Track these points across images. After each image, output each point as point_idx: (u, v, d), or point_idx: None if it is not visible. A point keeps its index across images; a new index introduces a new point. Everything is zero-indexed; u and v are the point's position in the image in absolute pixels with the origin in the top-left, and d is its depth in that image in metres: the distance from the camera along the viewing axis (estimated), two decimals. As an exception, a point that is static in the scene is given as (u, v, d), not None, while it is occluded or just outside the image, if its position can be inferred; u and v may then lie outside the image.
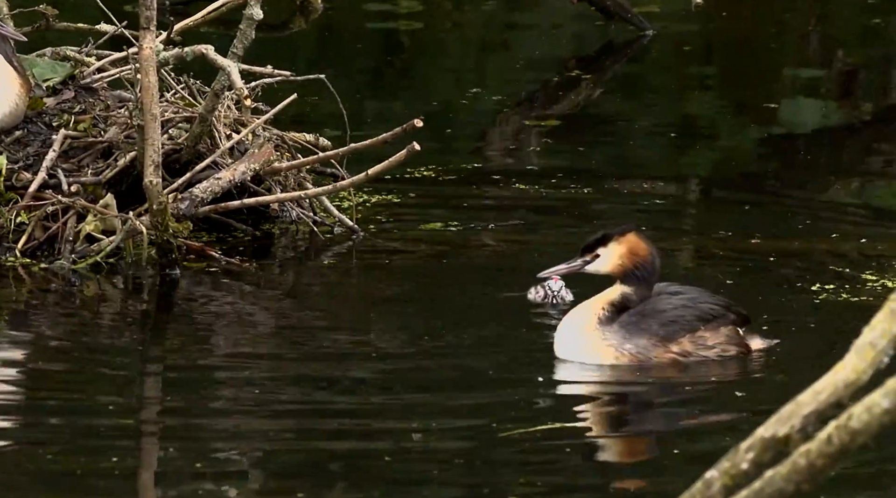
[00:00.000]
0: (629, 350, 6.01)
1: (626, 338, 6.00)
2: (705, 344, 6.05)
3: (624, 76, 11.96)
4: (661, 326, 6.01)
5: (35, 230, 7.66)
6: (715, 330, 6.07)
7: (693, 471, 3.76)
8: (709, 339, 6.05)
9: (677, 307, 6.06)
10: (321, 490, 5.13)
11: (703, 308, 6.06)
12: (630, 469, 5.35)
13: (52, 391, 6.00)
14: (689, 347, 6.05)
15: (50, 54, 8.31)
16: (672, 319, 6.03)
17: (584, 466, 5.34)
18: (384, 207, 8.54)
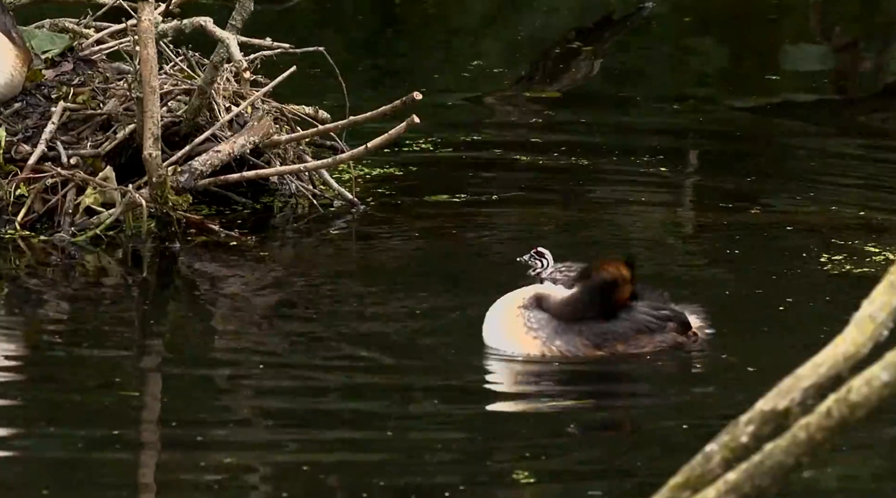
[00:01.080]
0: (558, 347, 5.90)
1: (558, 333, 5.89)
2: (638, 346, 5.97)
3: (624, 48, 11.93)
4: (595, 335, 5.91)
5: (34, 203, 7.65)
6: (650, 338, 6.00)
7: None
8: (643, 344, 5.97)
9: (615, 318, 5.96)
10: (320, 459, 5.13)
11: (639, 319, 5.97)
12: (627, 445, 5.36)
13: (50, 365, 6.00)
14: (621, 349, 5.96)
15: (48, 26, 8.29)
16: (606, 331, 5.93)
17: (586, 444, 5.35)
18: (384, 181, 8.53)
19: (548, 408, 5.58)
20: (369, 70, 11.06)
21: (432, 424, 5.46)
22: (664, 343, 6.03)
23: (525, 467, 5.04)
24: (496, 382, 5.89)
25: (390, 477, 4.98)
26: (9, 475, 5.00)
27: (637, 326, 5.98)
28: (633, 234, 7.77)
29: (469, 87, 10.73)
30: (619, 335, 5.94)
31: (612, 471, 5.06)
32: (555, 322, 5.88)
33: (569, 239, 7.65)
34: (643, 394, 5.85)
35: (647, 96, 10.50)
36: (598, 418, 5.53)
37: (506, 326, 5.92)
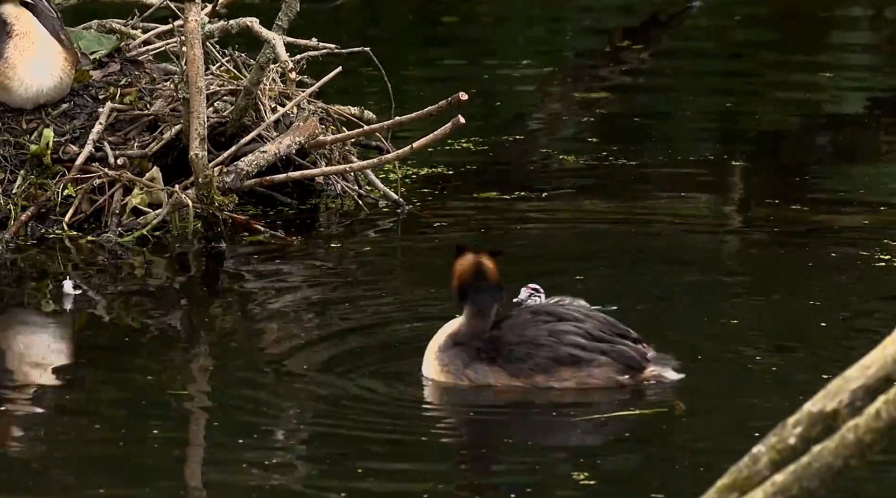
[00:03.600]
0: (468, 376, 5.69)
1: (467, 363, 5.66)
2: (560, 379, 5.65)
3: (672, 46, 11.89)
4: (507, 362, 5.63)
5: (82, 203, 7.68)
6: (575, 371, 5.64)
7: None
8: (566, 376, 5.64)
9: (533, 342, 5.63)
10: (373, 461, 5.12)
11: (561, 351, 5.61)
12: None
13: (97, 365, 6.01)
14: (541, 380, 5.66)
15: (96, 27, 8.32)
16: (520, 357, 5.63)
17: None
18: (430, 181, 8.52)
19: (599, 412, 5.55)
20: (415, 70, 11.05)
21: (484, 425, 5.44)
22: (594, 380, 5.61)
23: (584, 468, 5.02)
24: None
25: (454, 478, 4.97)
26: (62, 475, 5.01)
27: (557, 355, 5.61)
28: (679, 234, 7.73)
29: (517, 87, 10.71)
30: (536, 366, 5.60)
31: (667, 474, 5.03)
32: (464, 354, 5.66)
33: (615, 237, 7.62)
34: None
35: (696, 94, 10.45)
36: (648, 421, 5.49)
37: (428, 366, 5.76)
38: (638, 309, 6.46)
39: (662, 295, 6.74)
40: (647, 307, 6.50)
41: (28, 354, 6.08)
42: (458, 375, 5.68)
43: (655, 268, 7.14)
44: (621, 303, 6.54)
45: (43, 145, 7.73)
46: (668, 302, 6.66)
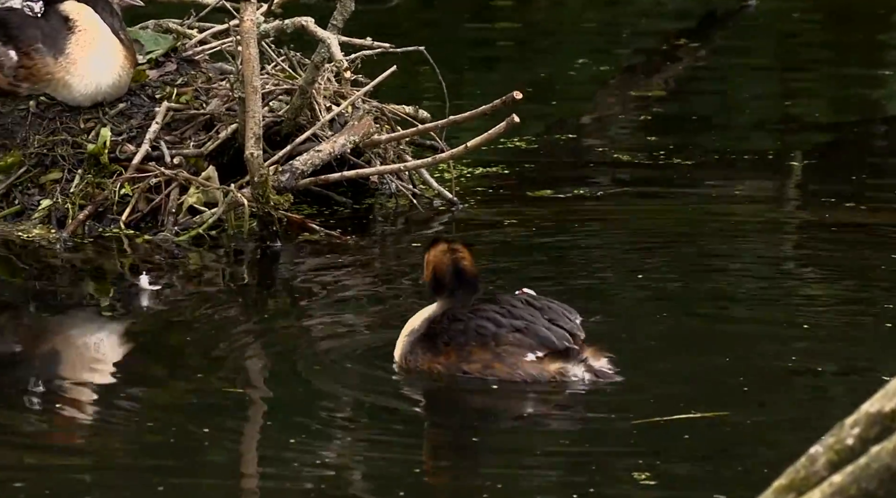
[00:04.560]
0: (408, 360, 5.77)
1: (412, 348, 5.75)
2: (468, 360, 5.66)
3: (728, 45, 11.83)
4: (431, 342, 5.69)
5: (138, 202, 7.72)
6: (483, 352, 5.65)
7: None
8: (475, 358, 5.64)
9: (456, 321, 5.68)
10: (428, 461, 5.12)
11: (471, 325, 5.62)
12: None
13: (151, 363, 6.04)
14: (454, 359, 5.68)
15: (153, 26, 8.37)
16: (444, 339, 5.69)
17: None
18: (485, 180, 8.52)
19: (661, 413, 5.53)
20: (470, 69, 11.05)
21: (541, 425, 5.43)
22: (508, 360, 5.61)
23: (643, 469, 5.00)
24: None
25: (520, 480, 4.97)
26: (118, 474, 5.03)
27: (466, 328, 5.65)
28: (735, 234, 7.69)
29: (574, 85, 10.69)
30: (449, 342, 5.64)
31: (725, 475, 5.01)
32: (413, 340, 5.75)
33: (670, 237, 7.59)
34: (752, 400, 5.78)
35: (752, 93, 10.40)
36: (706, 424, 5.46)
37: (397, 348, 5.85)
38: (696, 313, 6.42)
39: (718, 296, 6.70)
40: (706, 311, 6.47)
41: (83, 352, 6.11)
42: (402, 359, 5.78)
43: (711, 268, 7.11)
44: (675, 304, 6.51)
45: (100, 144, 7.78)
46: (724, 302, 6.62)
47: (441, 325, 5.75)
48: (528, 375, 5.66)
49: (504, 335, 5.65)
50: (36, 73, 7.79)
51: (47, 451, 5.17)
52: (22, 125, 7.88)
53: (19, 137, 7.87)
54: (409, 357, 5.78)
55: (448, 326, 5.72)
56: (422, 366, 5.76)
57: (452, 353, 5.69)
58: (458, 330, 5.68)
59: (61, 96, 7.85)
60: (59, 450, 5.19)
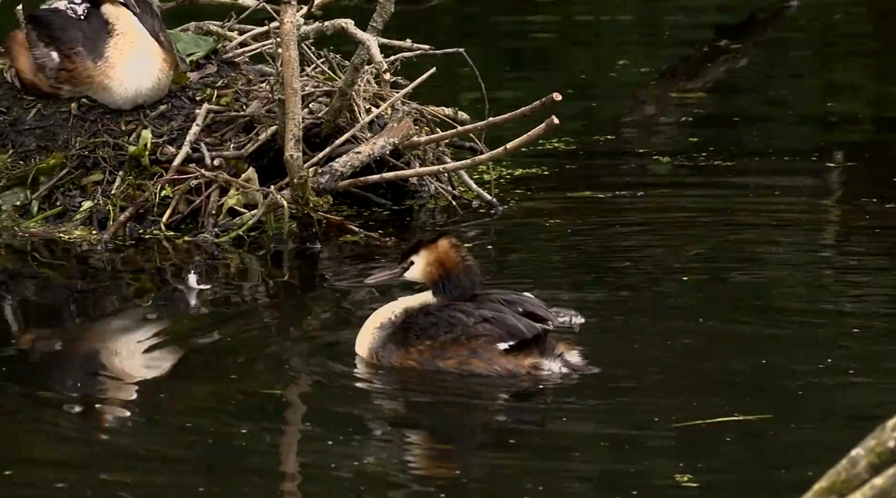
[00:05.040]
0: (380, 356, 5.80)
1: (384, 343, 5.79)
2: (443, 355, 5.70)
3: (770, 45, 11.79)
4: (402, 338, 5.74)
5: (179, 204, 7.75)
6: (457, 340, 5.69)
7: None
8: (449, 354, 5.69)
9: (440, 321, 5.72)
10: (474, 462, 5.11)
11: (442, 315, 5.67)
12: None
13: (191, 363, 6.05)
14: (428, 355, 5.72)
15: (193, 29, 8.40)
16: (416, 334, 5.73)
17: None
18: (524, 181, 8.51)
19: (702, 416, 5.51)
20: (509, 70, 11.04)
21: (579, 425, 5.42)
22: (480, 352, 5.65)
23: (686, 471, 4.99)
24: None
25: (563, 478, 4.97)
26: (160, 473, 5.05)
27: (437, 321, 5.70)
28: (775, 234, 7.66)
29: (614, 86, 10.67)
30: (421, 334, 5.69)
31: (767, 477, 4.99)
32: (385, 334, 5.78)
33: (710, 239, 7.56)
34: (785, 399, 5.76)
35: (794, 93, 10.35)
36: (748, 426, 5.44)
37: (360, 339, 5.87)
38: (737, 313, 6.40)
39: (759, 296, 6.68)
40: (747, 312, 6.44)
41: (124, 353, 6.14)
42: (374, 351, 5.80)
43: (751, 268, 7.08)
44: (715, 304, 6.49)
45: (141, 146, 7.81)
46: (765, 303, 6.59)
47: (414, 319, 5.78)
48: (504, 369, 5.70)
49: (473, 326, 5.69)
50: (77, 76, 7.83)
51: (89, 450, 5.19)
52: (64, 127, 7.93)
53: (61, 139, 7.91)
54: (381, 353, 5.81)
55: (421, 319, 5.76)
56: (394, 362, 5.79)
57: (426, 349, 5.73)
58: (430, 322, 5.73)
59: (102, 99, 7.89)
60: (101, 449, 5.21)
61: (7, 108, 8.00)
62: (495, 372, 5.70)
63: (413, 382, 5.78)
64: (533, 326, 5.70)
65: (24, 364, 6.01)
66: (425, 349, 5.73)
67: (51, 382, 5.85)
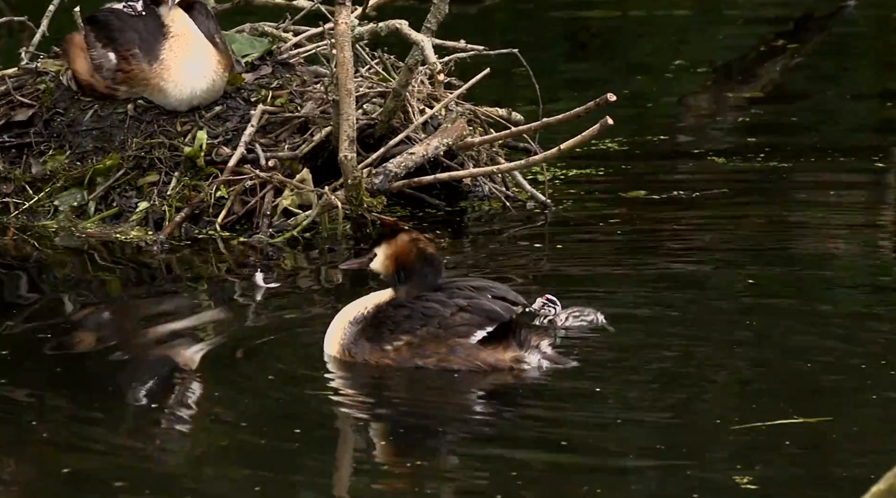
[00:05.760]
0: (352, 352, 5.79)
1: (355, 339, 5.78)
2: (423, 355, 5.69)
3: (827, 46, 11.71)
4: (377, 334, 5.73)
5: (234, 204, 7.79)
6: (441, 341, 5.68)
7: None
8: (428, 352, 5.68)
9: (414, 313, 5.70)
10: (516, 459, 5.11)
11: (417, 307, 5.67)
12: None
13: (248, 364, 6.07)
14: (406, 353, 5.70)
15: (248, 30, 8.44)
16: (389, 328, 5.71)
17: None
18: (578, 182, 8.49)
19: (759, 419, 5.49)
20: (564, 71, 11.02)
21: (636, 427, 5.40)
22: (456, 355, 5.64)
23: (745, 473, 4.97)
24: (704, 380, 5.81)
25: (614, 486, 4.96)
26: (215, 474, 5.07)
27: (412, 312, 5.68)
28: (831, 236, 7.60)
29: (669, 87, 10.63)
30: (396, 327, 5.68)
31: (826, 480, 4.96)
32: (356, 330, 5.77)
33: (765, 238, 7.53)
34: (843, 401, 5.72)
35: (852, 95, 10.29)
36: (806, 429, 5.41)
37: (330, 336, 5.86)
38: (792, 316, 6.36)
39: (814, 298, 6.64)
40: (803, 314, 6.40)
41: (179, 353, 6.17)
42: (345, 348, 5.80)
43: (806, 271, 7.04)
44: (771, 307, 6.46)
45: (196, 147, 7.85)
46: (821, 305, 6.55)
47: (385, 312, 5.77)
48: (486, 363, 5.70)
49: (450, 316, 5.69)
50: (133, 78, 7.89)
51: (146, 451, 5.22)
52: (120, 128, 7.98)
53: (118, 140, 7.97)
54: (353, 349, 5.81)
55: (393, 312, 5.75)
56: (368, 359, 5.79)
57: (404, 347, 5.72)
58: (404, 315, 5.73)
59: (157, 101, 7.94)
60: (157, 450, 5.24)
61: (64, 110, 8.06)
62: (476, 367, 5.71)
63: (471, 383, 5.76)
64: (509, 308, 5.70)
65: (83, 365, 6.05)
66: (403, 347, 5.73)
67: (107, 382, 5.88)
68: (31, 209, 7.93)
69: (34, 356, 6.08)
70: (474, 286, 5.75)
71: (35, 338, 6.28)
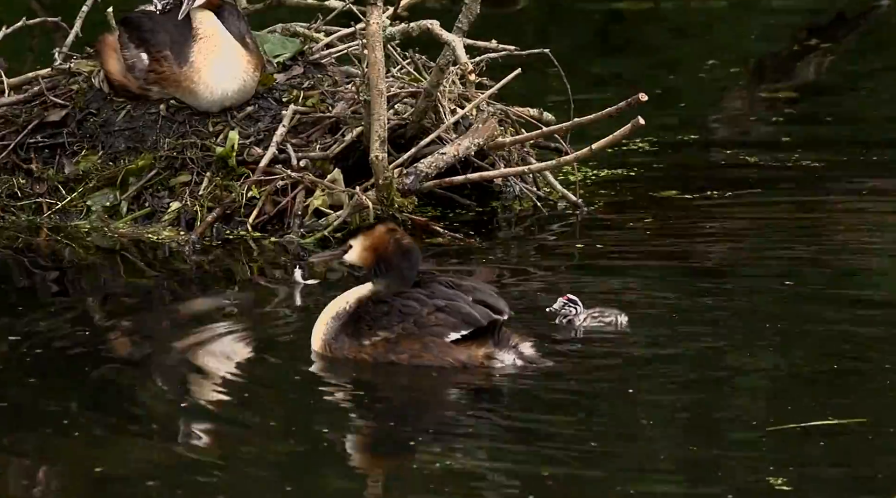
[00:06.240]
0: (332, 347, 5.85)
1: (336, 334, 5.84)
2: (396, 351, 5.74)
3: (860, 45, 11.66)
4: (356, 330, 5.78)
5: (265, 205, 7.80)
6: (412, 333, 5.72)
7: None
8: (402, 348, 5.73)
9: (393, 310, 5.75)
10: (548, 469, 5.10)
11: (396, 304, 5.71)
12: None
13: (278, 364, 6.08)
14: (382, 349, 5.75)
15: (280, 30, 8.45)
16: (368, 324, 5.77)
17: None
18: (611, 182, 8.47)
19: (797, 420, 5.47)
20: (596, 71, 10.99)
21: (668, 430, 5.39)
22: (434, 343, 5.69)
23: (780, 474, 4.96)
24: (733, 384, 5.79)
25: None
26: (247, 473, 5.08)
27: (390, 310, 5.73)
28: (865, 236, 7.57)
29: (702, 87, 10.60)
30: (374, 324, 5.73)
31: (863, 482, 4.95)
32: (338, 325, 5.83)
33: (800, 237, 7.50)
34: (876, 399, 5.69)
35: (887, 94, 10.24)
36: (841, 431, 5.38)
37: (314, 332, 5.92)
38: (827, 316, 6.33)
39: (849, 299, 6.61)
40: (838, 315, 6.37)
41: (211, 352, 6.18)
42: (327, 343, 5.86)
43: (840, 271, 7.01)
44: (806, 306, 6.43)
45: (228, 148, 7.87)
46: (855, 306, 6.51)
47: (365, 307, 5.83)
48: (457, 360, 5.73)
49: (426, 315, 5.73)
50: (165, 79, 7.91)
51: (178, 450, 5.23)
52: (153, 129, 8.00)
53: (150, 141, 7.99)
54: (334, 345, 5.86)
55: (372, 308, 5.81)
56: (348, 354, 5.83)
57: (380, 343, 5.76)
58: (382, 312, 5.78)
59: (189, 102, 7.96)
60: (189, 449, 5.25)
61: (97, 110, 8.09)
62: (448, 364, 5.74)
63: (513, 381, 5.75)
64: (488, 314, 5.73)
65: (114, 365, 6.06)
66: (379, 343, 5.78)
67: (139, 382, 5.90)
68: (63, 209, 7.96)
69: (66, 357, 6.10)
70: (460, 286, 5.80)
71: (67, 338, 6.30)
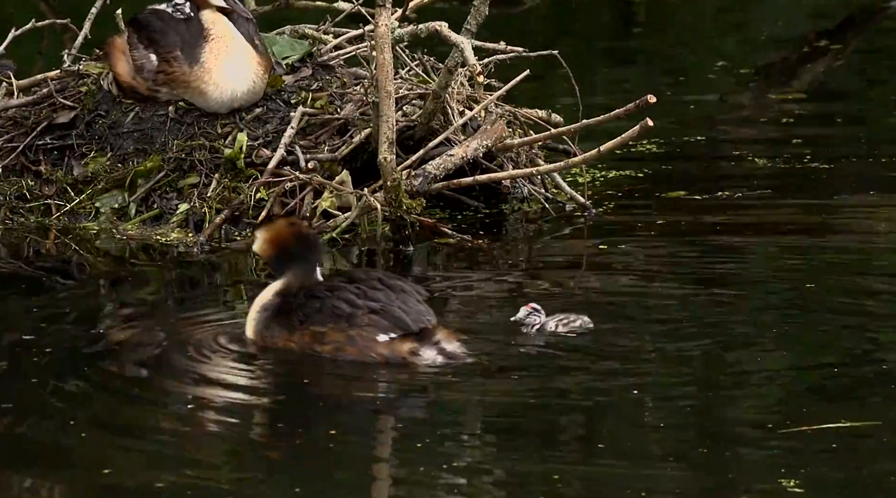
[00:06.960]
0: (264, 337, 5.95)
1: (265, 324, 5.94)
2: (322, 341, 5.82)
3: (869, 47, 11.65)
4: (288, 319, 5.87)
5: (274, 206, 7.80)
6: (341, 327, 5.80)
7: None
8: (330, 339, 5.81)
9: (314, 298, 5.84)
10: (558, 470, 5.10)
11: (327, 304, 5.79)
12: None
13: (289, 366, 6.08)
14: (308, 339, 5.84)
15: (289, 32, 8.46)
16: (299, 317, 5.85)
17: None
18: (619, 184, 8.47)
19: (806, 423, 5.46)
20: (604, 72, 10.99)
21: (673, 430, 5.39)
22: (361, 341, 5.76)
23: (791, 476, 4.95)
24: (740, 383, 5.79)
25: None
26: (255, 476, 5.08)
27: (323, 307, 5.80)
28: (873, 238, 7.56)
29: (710, 89, 10.60)
30: (306, 319, 5.81)
31: (874, 485, 4.94)
32: (267, 314, 5.94)
33: (807, 240, 7.50)
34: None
35: (895, 95, 10.24)
36: (855, 433, 5.38)
37: (247, 323, 6.03)
38: (837, 322, 6.33)
39: (859, 302, 6.60)
40: (844, 320, 6.37)
41: (221, 355, 6.18)
42: (258, 331, 5.95)
43: (849, 273, 7.00)
44: (814, 310, 6.43)
45: (237, 149, 7.88)
46: (865, 311, 6.51)
47: (297, 300, 5.90)
48: (381, 355, 5.79)
49: (359, 316, 5.79)
50: (174, 80, 7.92)
51: (186, 453, 5.24)
52: (161, 130, 8.01)
53: (158, 142, 8.00)
54: (266, 334, 5.95)
55: (305, 302, 5.88)
56: (278, 342, 5.91)
57: (307, 334, 5.83)
58: (315, 308, 5.85)
59: (198, 103, 7.97)
60: (198, 452, 5.26)
61: (106, 112, 8.10)
62: (371, 359, 5.80)
63: (521, 381, 5.74)
64: (420, 320, 5.80)
65: (122, 368, 6.07)
66: (307, 334, 5.85)
67: (149, 384, 5.90)
68: (72, 211, 7.97)
69: (74, 360, 6.11)
70: (387, 283, 5.87)
71: (75, 340, 6.31)
